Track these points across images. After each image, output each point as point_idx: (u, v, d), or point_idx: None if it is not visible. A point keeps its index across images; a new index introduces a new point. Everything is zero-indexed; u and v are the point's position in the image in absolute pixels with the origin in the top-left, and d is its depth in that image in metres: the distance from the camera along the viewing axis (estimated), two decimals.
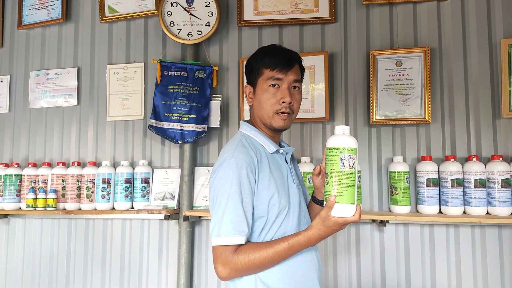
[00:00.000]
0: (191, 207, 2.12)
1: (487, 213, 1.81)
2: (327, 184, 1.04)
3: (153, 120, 2.10)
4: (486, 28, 1.96)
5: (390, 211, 1.94)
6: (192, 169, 2.14)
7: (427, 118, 1.93)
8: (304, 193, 1.30)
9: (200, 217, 2.16)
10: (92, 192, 2.17)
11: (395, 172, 1.89)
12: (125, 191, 2.14)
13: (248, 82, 1.27)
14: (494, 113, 1.92)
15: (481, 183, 1.80)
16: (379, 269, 1.97)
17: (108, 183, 2.15)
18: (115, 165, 2.27)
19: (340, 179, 1.02)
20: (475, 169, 1.81)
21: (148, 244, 2.23)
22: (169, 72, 2.12)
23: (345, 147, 1.03)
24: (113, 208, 2.16)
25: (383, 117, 1.97)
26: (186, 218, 2.04)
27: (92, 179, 2.17)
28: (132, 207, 2.16)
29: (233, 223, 1.07)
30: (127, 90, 2.28)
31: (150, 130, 2.11)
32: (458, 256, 1.91)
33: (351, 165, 1.02)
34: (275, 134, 1.25)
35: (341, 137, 1.05)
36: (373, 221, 1.96)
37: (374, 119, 1.98)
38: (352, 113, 2.06)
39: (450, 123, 1.97)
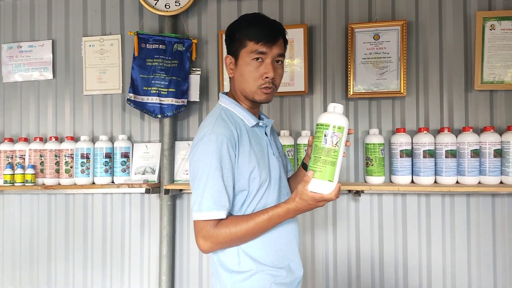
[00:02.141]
0: (172, 180, 2.14)
1: (457, 182, 1.89)
2: (310, 159, 1.06)
3: (131, 94, 2.08)
4: (461, 1, 1.99)
5: (366, 181, 2.00)
6: (172, 143, 2.15)
7: (402, 92, 1.98)
8: (284, 164, 1.32)
9: (181, 190, 2.18)
10: (71, 167, 2.16)
11: (370, 144, 1.95)
12: (105, 165, 2.14)
13: (229, 52, 1.23)
14: (466, 85, 1.98)
15: (452, 154, 1.87)
16: (354, 238, 2.06)
17: (87, 158, 2.14)
18: (93, 140, 2.25)
19: (321, 155, 1.02)
20: (446, 140, 1.88)
21: (130, 218, 2.25)
22: (147, 44, 2.09)
23: (329, 124, 1.02)
24: (93, 183, 2.16)
25: (360, 91, 2.01)
26: (167, 191, 2.06)
27: (71, 154, 2.16)
28: (113, 182, 2.17)
29: (214, 198, 1.08)
30: (104, 63, 2.23)
31: (129, 104, 2.09)
32: (428, 223, 2.01)
33: (335, 142, 1.01)
34: (254, 106, 1.25)
35: (329, 114, 1.04)
36: (349, 191, 2.03)
37: (351, 92, 2.01)
38: (331, 86, 2.08)
39: (424, 96, 2.02)
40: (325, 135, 1.02)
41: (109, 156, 2.15)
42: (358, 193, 1.94)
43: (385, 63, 1.99)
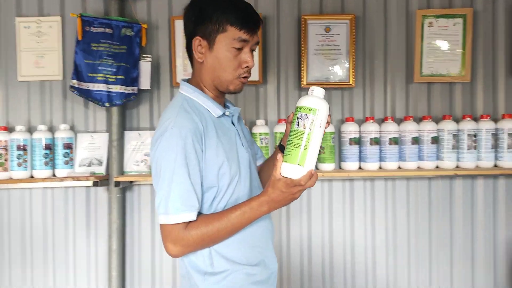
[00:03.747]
0: (121, 172, 2.04)
1: (399, 167, 2.05)
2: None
3: (75, 81, 1.93)
4: None
5: (317, 169, 2.08)
6: (121, 133, 2.05)
7: (351, 83, 2.08)
8: (253, 154, 1.24)
9: (131, 182, 2.09)
10: (5, 160, 1.96)
11: None
12: (45, 158, 1.97)
13: (197, 34, 1.08)
14: (407, 78, 2.14)
15: (395, 141, 2.01)
16: (306, 223, 2.14)
17: (24, 149, 1.96)
18: (31, 130, 2.06)
19: (292, 138, 0.97)
20: (390, 129, 2.02)
21: (74, 213, 2.11)
22: (92, 28, 1.95)
23: (302, 106, 0.97)
24: (32, 177, 1.98)
25: (313, 81, 2.07)
26: (117, 184, 1.97)
27: (5, 146, 1.96)
28: (54, 175, 2.01)
29: (182, 198, 0.99)
30: (42, 46, 2.04)
31: (73, 91, 1.94)
32: (373, 206, 2.15)
33: (306, 125, 0.95)
34: (220, 95, 1.15)
35: (306, 97, 0.99)
36: None
37: (305, 83, 2.07)
38: (284, 76, 2.12)
39: (370, 87, 2.14)
40: (297, 117, 0.97)
41: (50, 147, 1.99)
42: None
43: (335, 55, 2.08)
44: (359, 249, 2.15)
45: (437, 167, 2.04)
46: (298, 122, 0.96)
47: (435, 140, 2.02)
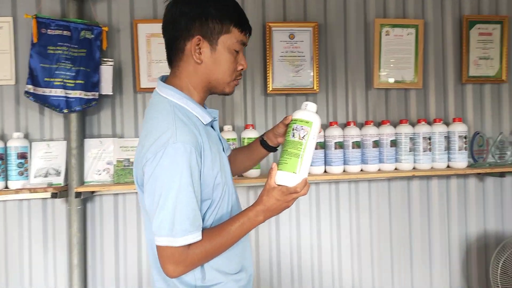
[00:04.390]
0: (81, 182, 1.94)
1: (361, 170, 2.13)
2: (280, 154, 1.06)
3: (30, 86, 1.81)
4: (362, 8, 2.22)
5: None
6: (81, 141, 1.94)
7: (315, 88, 2.14)
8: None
9: (92, 192, 1.99)
10: None
11: None
12: None
13: (199, 34, 1.01)
14: (367, 84, 2.24)
15: (357, 145, 2.09)
16: (274, 226, 2.16)
17: None
18: None
19: (287, 147, 1.03)
20: (352, 133, 2.09)
21: (29, 227, 1.97)
22: (48, 30, 1.84)
23: (297, 118, 1.05)
24: None
25: (278, 87, 2.10)
26: (77, 195, 1.87)
27: None
28: (7, 187, 1.87)
29: (189, 219, 0.94)
30: None
31: (28, 97, 1.82)
32: (338, 208, 2.22)
33: (301, 136, 1.02)
34: (204, 98, 1.10)
35: (300, 111, 1.08)
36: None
37: (270, 89, 2.09)
38: (251, 82, 2.13)
39: (333, 92, 2.21)
40: (293, 129, 1.04)
41: (1, 157, 1.84)
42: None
43: (300, 61, 2.12)
44: (326, 250, 2.20)
45: (396, 169, 2.14)
46: (294, 133, 1.03)
47: (394, 143, 2.12)
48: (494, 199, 2.34)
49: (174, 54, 1.05)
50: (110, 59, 1.96)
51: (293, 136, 1.03)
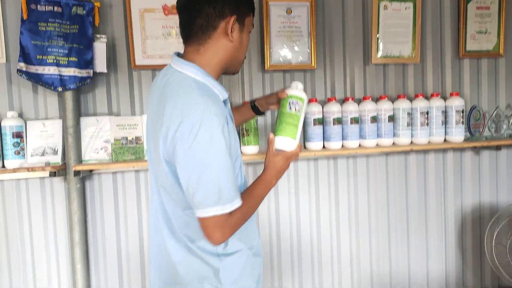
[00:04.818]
0: (79, 161, 1.93)
1: (359, 145, 2.13)
2: (275, 124, 1.24)
3: (22, 64, 1.77)
4: None
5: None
6: (77, 120, 1.92)
7: (313, 64, 2.11)
8: None
9: (91, 171, 1.99)
10: None
11: None
12: None
13: (236, 14, 1.07)
14: (365, 59, 2.22)
15: (356, 120, 2.09)
16: (273, 203, 2.18)
17: None
18: None
19: (285, 118, 1.21)
20: (350, 108, 2.08)
21: (29, 207, 1.96)
22: (38, 6, 1.78)
23: (293, 95, 1.25)
24: None
25: (276, 63, 2.08)
26: (76, 173, 1.86)
27: None
28: (3, 167, 1.85)
29: (233, 186, 1.01)
30: None
31: (20, 75, 1.78)
32: (336, 183, 2.24)
33: (297, 109, 1.22)
34: (219, 76, 1.15)
35: (292, 89, 1.28)
36: None
37: (268, 65, 2.06)
38: (248, 59, 2.10)
39: (331, 68, 2.19)
40: (289, 103, 1.23)
41: None
42: None
43: (297, 36, 2.09)
44: (324, 224, 2.23)
45: (393, 143, 2.15)
46: (290, 106, 1.22)
47: (391, 118, 2.12)
48: (489, 172, 2.37)
49: (201, 31, 1.07)
50: (103, 35, 1.91)
51: (290, 109, 1.22)
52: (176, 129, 0.96)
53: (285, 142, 1.19)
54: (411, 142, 2.15)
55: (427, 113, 2.13)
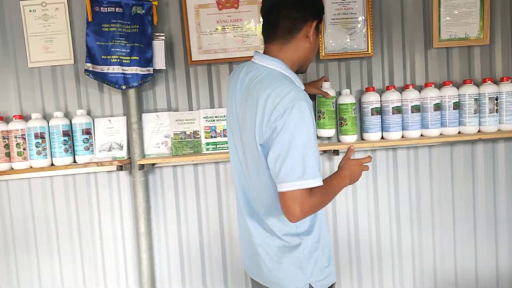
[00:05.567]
0: (143, 155, 2.02)
1: (421, 135, 2.03)
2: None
3: (89, 64, 1.88)
4: None
5: (339, 141, 2.07)
6: (139, 116, 2.01)
7: (369, 51, 2.03)
8: None
9: (153, 165, 2.07)
10: (24, 149, 1.92)
11: (343, 104, 2.00)
12: (64, 144, 1.94)
13: (318, 19, 1.22)
14: (426, 44, 2.09)
15: (417, 109, 1.99)
16: None
17: (42, 137, 1.92)
18: (46, 117, 2.01)
19: (333, 114, 1.49)
20: (411, 96, 1.99)
21: (98, 199, 2.09)
22: (101, 8, 1.87)
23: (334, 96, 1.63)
24: (52, 165, 1.96)
25: (331, 51, 2.03)
26: (141, 167, 1.95)
27: (22, 135, 1.92)
28: (74, 162, 1.99)
29: (318, 164, 1.08)
30: (50, 30, 1.97)
31: (87, 75, 1.89)
32: (396, 175, 2.15)
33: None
34: None
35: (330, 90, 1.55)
36: (325, 152, 2.08)
37: (323, 54, 2.02)
38: None
39: (389, 55, 2.10)
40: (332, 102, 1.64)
41: (68, 134, 1.95)
42: (336, 152, 2.00)
43: (352, 23, 2.02)
44: (383, 218, 2.16)
45: (459, 132, 2.03)
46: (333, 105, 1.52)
47: (457, 106, 2.00)
48: None
49: (287, 32, 1.18)
50: (161, 34, 1.97)
51: (333, 107, 1.44)
52: (271, 113, 1.08)
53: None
54: (479, 131, 2.02)
55: (496, 98, 1.98)
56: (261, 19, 1.25)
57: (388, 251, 2.17)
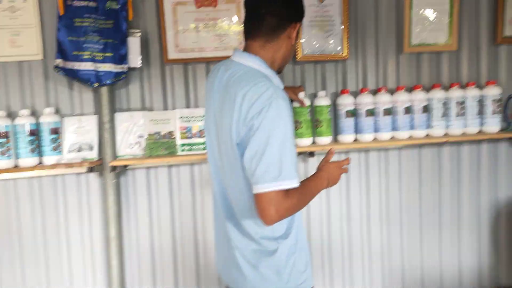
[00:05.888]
0: (115, 156, 1.94)
1: (392, 137, 2.09)
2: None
3: (59, 60, 1.79)
4: None
5: (315, 143, 2.09)
6: (112, 115, 1.93)
7: (345, 54, 2.08)
8: None
9: (125, 166, 2.00)
10: None
11: (319, 106, 2.02)
12: (31, 144, 1.83)
13: (299, 21, 1.22)
14: (398, 48, 2.17)
15: (389, 111, 2.05)
16: None
17: (7, 137, 1.81)
18: (11, 115, 1.90)
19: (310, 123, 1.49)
20: (384, 99, 2.04)
21: (65, 202, 1.99)
22: (74, 1, 1.80)
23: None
24: (17, 166, 1.84)
25: (309, 54, 2.05)
26: (113, 168, 1.87)
27: None
28: (41, 163, 1.88)
29: (293, 165, 1.05)
30: (17, 23, 1.86)
31: (57, 72, 1.80)
32: (367, 177, 2.20)
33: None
34: None
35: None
36: (300, 153, 2.10)
37: (299, 56, 2.04)
38: None
39: (363, 58, 2.16)
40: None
41: (34, 133, 1.85)
42: (311, 153, 2.02)
43: (329, 26, 2.06)
44: (355, 219, 2.21)
45: (427, 135, 2.10)
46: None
47: (426, 109, 2.08)
48: None
49: (272, 30, 1.17)
50: (137, 30, 1.91)
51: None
52: (248, 111, 1.05)
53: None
54: (446, 134, 2.11)
55: (463, 103, 2.08)
56: (244, 11, 1.21)
57: (359, 251, 2.22)
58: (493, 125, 2.10)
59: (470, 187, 2.28)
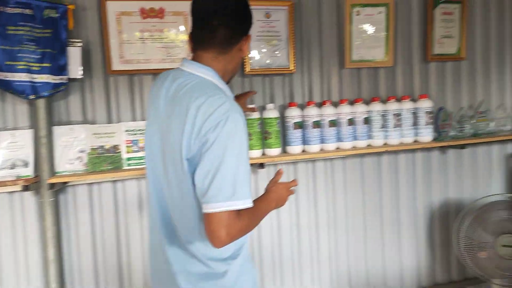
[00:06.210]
0: (53, 173, 1.82)
1: (337, 148, 2.18)
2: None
3: None
4: None
5: (264, 154, 2.12)
6: (49, 129, 1.81)
7: (291, 68, 2.14)
8: None
9: (65, 183, 1.88)
10: None
11: (268, 118, 2.05)
12: None
13: (243, 32, 1.17)
14: (340, 63, 2.28)
15: (333, 123, 2.14)
16: None
17: None
18: None
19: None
20: (328, 112, 2.13)
21: None
22: (7, 8, 1.66)
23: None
24: None
25: (256, 67, 2.08)
26: (51, 186, 1.75)
27: None
28: None
29: (247, 183, 1.01)
30: None
31: None
32: (315, 185, 2.28)
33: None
34: None
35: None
36: (250, 165, 2.10)
37: (248, 69, 2.07)
38: None
39: (309, 72, 2.24)
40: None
41: None
42: (262, 165, 2.04)
43: (276, 41, 2.11)
44: (304, 226, 2.26)
45: (368, 145, 2.22)
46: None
47: (367, 121, 2.20)
48: (455, 169, 2.52)
49: (225, 41, 1.12)
50: (78, 40, 1.82)
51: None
52: (202, 124, 1.00)
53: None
54: (385, 144, 2.24)
55: (399, 115, 2.23)
56: (192, 20, 1.14)
57: (308, 256, 2.28)
58: (426, 135, 2.26)
59: (407, 192, 2.44)
